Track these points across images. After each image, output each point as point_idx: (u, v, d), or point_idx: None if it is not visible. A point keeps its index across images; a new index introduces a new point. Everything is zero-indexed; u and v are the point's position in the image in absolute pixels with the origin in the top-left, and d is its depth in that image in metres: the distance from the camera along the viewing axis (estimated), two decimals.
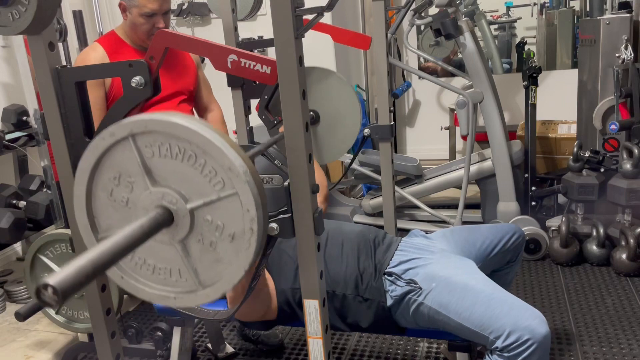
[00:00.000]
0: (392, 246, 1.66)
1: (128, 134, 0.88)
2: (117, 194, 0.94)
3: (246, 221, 0.86)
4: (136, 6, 1.95)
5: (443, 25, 2.83)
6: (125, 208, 0.94)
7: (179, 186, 0.89)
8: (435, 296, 1.48)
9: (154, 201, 0.90)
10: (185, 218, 0.89)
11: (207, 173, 0.87)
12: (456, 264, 1.58)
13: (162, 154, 0.89)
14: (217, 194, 0.88)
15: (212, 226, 0.89)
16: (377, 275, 1.56)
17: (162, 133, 0.87)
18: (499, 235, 1.77)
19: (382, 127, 2.09)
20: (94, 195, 0.95)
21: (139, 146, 0.89)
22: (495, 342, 1.39)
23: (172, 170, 0.89)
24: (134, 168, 0.91)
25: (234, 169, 0.85)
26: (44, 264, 1.84)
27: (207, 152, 0.86)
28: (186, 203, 0.89)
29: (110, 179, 0.93)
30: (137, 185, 0.92)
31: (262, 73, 1.05)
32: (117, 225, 0.95)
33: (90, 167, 0.93)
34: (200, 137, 0.85)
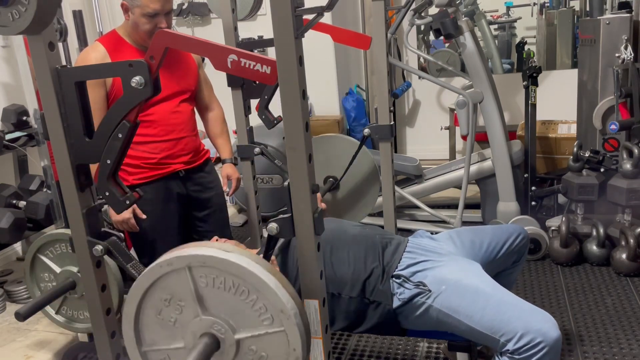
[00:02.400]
0: (399, 248, 1.65)
1: (185, 266, 0.93)
2: (166, 313, 0.98)
3: (291, 358, 0.92)
4: (138, 6, 1.95)
5: (443, 25, 2.83)
6: (172, 327, 0.99)
7: (228, 316, 0.94)
8: (445, 299, 1.48)
9: (203, 328, 0.95)
10: (232, 347, 0.94)
11: (257, 308, 0.92)
12: (464, 267, 1.58)
13: (215, 286, 0.93)
14: (265, 329, 0.92)
15: (255, 355, 0.94)
16: (384, 278, 1.55)
17: (218, 269, 0.92)
18: (504, 237, 1.76)
19: (382, 127, 2.09)
20: (142, 312, 1.00)
21: (194, 276, 0.94)
22: (506, 344, 1.39)
23: (223, 300, 0.93)
24: (187, 294, 0.95)
25: (286, 312, 0.90)
26: (44, 263, 1.84)
27: (260, 290, 0.90)
28: (234, 333, 0.94)
29: (161, 300, 0.98)
30: (186, 309, 0.96)
31: (262, 73, 1.05)
32: (161, 342, 1.00)
33: (144, 289, 0.98)
34: (255, 277, 0.90)
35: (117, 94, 1.98)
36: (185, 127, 2.16)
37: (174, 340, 0.98)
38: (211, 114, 2.33)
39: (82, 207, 1.22)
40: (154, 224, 2.13)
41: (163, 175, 2.14)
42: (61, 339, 2.39)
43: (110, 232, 1.28)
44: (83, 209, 1.22)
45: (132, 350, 1.02)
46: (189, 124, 2.19)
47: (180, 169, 2.18)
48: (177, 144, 2.14)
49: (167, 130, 2.11)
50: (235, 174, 2.29)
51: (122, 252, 1.27)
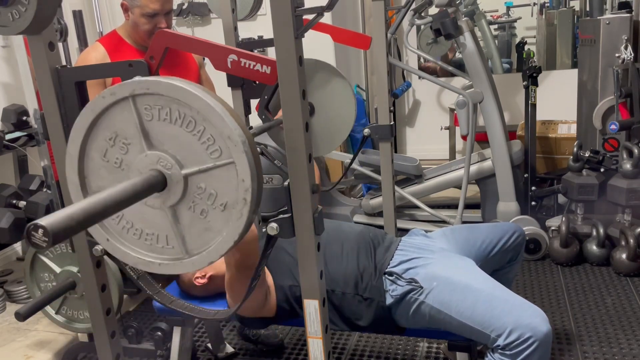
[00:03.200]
0: (392, 246, 1.67)
1: (129, 94, 0.87)
2: (111, 155, 0.92)
3: (240, 191, 0.85)
4: (138, 6, 1.95)
5: (443, 25, 2.83)
6: (118, 170, 0.92)
7: (176, 151, 0.88)
8: (437, 295, 1.48)
9: (148, 164, 0.89)
10: (179, 184, 0.88)
11: (205, 140, 0.86)
12: (457, 263, 1.59)
13: (161, 118, 0.88)
14: (213, 161, 0.86)
15: (205, 194, 0.88)
16: (377, 275, 1.57)
17: (163, 96, 0.86)
18: (499, 235, 1.77)
19: (382, 127, 2.09)
20: (87, 156, 0.94)
21: (138, 108, 0.88)
22: (496, 340, 1.40)
23: (170, 134, 0.88)
24: (131, 130, 0.89)
25: (233, 138, 0.84)
26: (44, 263, 1.84)
27: (207, 118, 0.85)
28: (181, 169, 0.88)
29: (105, 139, 0.92)
30: (132, 148, 0.90)
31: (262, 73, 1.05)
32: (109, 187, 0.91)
33: (87, 126, 0.91)
34: (201, 102, 0.84)
35: None
36: None
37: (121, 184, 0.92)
38: None
39: None
40: None
41: None
42: (61, 339, 2.39)
43: None
44: None
45: (77, 198, 0.95)
46: None
47: None
48: None
49: None
50: None
51: None
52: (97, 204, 0.72)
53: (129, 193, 0.79)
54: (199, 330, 2.43)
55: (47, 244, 0.62)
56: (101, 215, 0.72)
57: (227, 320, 2.46)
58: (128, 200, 0.79)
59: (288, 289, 1.59)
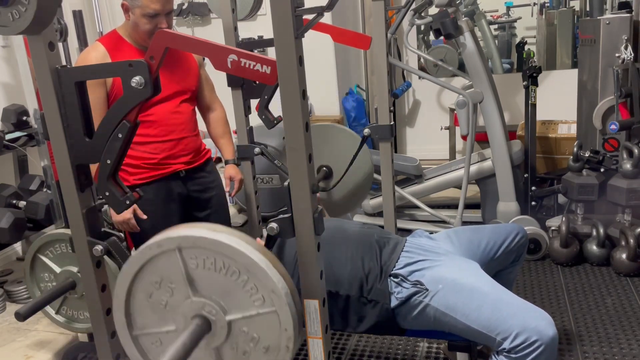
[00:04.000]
0: (397, 247, 1.65)
1: (175, 247, 0.92)
2: (157, 296, 0.97)
3: (283, 339, 0.91)
4: (139, 6, 1.95)
5: (443, 25, 2.83)
6: (163, 310, 0.98)
7: (219, 297, 0.93)
8: (442, 298, 1.48)
9: (194, 309, 0.94)
10: (223, 329, 0.93)
11: (248, 289, 0.91)
12: (462, 266, 1.58)
13: (206, 267, 0.92)
14: (256, 309, 0.92)
15: (247, 337, 0.93)
16: (382, 277, 1.56)
17: (209, 250, 0.91)
18: (503, 236, 1.76)
19: (382, 127, 2.09)
20: (132, 296, 0.99)
21: (184, 257, 0.93)
22: (502, 343, 1.40)
23: (214, 282, 0.92)
24: (177, 276, 0.94)
25: (277, 291, 0.89)
26: (44, 263, 1.84)
27: (250, 271, 0.90)
28: (225, 315, 0.93)
29: (151, 283, 0.97)
30: (177, 291, 0.95)
31: (262, 73, 1.05)
32: (152, 325, 0.99)
33: (134, 272, 0.97)
34: (245, 257, 0.89)
35: (117, 94, 1.98)
36: (186, 128, 2.16)
37: (165, 323, 0.97)
38: (213, 115, 2.33)
39: (82, 207, 1.22)
40: (155, 224, 2.12)
41: (164, 175, 2.14)
42: (61, 339, 2.39)
43: (110, 232, 1.28)
44: (83, 209, 1.22)
45: (124, 334, 1.01)
46: (190, 124, 2.19)
47: (181, 169, 2.18)
48: (178, 145, 2.14)
49: (167, 130, 2.11)
50: (238, 175, 2.29)
51: (121, 253, 1.27)
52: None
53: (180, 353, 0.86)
54: None
55: None
56: None
57: None
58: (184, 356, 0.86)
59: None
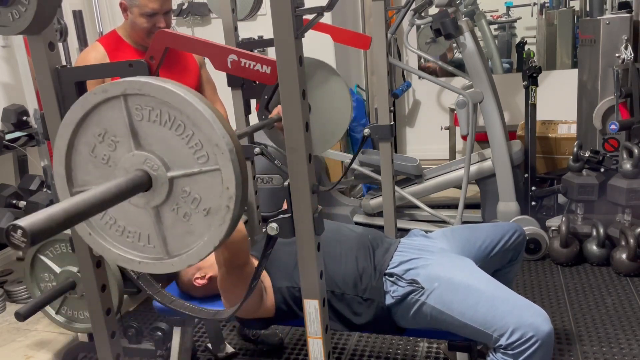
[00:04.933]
0: (391, 247, 1.67)
1: (121, 93, 0.88)
2: (99, 150, 0.93)
3: (224, 198, 0.86)
4: (137, 6, 1.95)
5: (443, 25, 2.83)
6: (105, 166, 0.93)
7: (163, 153, 0.89)
8: (438, 296, 1.48)
9: (135, 164, 0.90)
10: (164, 186, 0.89)
11: (192, 145, 0.87)
12: (457, 264, 1.58)
13: (151, 119, 0.88)
14: (199, 166, 0.87)
15: (189, 198, 0.89)
16: (377, 276, 1.56)
17: (155, 98, 0.87)
18: (500, 234, 1.77)
19: (382, 127, 2.09)
20: (75, 149, 0.94)
21: (129, 107, 0.88)
22: (499, 340, 1.40)
23: (158, 136, 0.89)
24: (121, 128, 0.90)
25: (221, 146, 0.85)
26: (44, 263, 1.84)
27: (196, 124, 0.86)
28: (167, 171, 0.89)
29: (94, 135, 0.93)
30: (120, 146, 0.91)
31: (262, 73, 1.05)
32: (94, 182, 0.95)
33: (77, 121, 0.92)
34: (192, 107, 0.85)
35: None
36: None
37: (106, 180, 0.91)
38: None
39: None
40: None
41: None
42: (61, 339, 2.39)
43: None
44: None
45: (63, 190, 0.96)
46: None
47: None
48: None
49: None
50: None
51: None
52: (79, 204, 0.72)
53: (113, 193, 0.79)
54: (199, 330, 2.43)
55: (26, 245, 0.62)
56: (83, 216, 0.72)
57: (227, 320, 2.46)
58: (112, 200, 0.79)
59: (286, 290, 1.59)
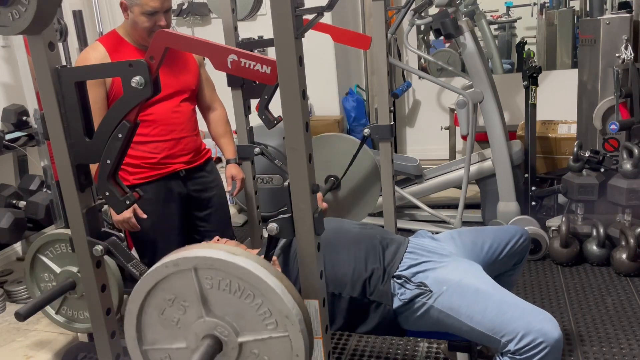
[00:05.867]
0: (400, 248, 1.65)
1: (192, 267, 0.92)
2: (169, 313, 0.98)
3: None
4: (138, 4, 1.95)
5: (443, 25, 2.83)
6: (175, 327, 0.98)
7: (232, 319, 0.94)
8: (446, 299, 1.48)
9: (206, 329, 0.95)
10: (234, 350, 0.94)
11: (262, 312, 0.92)
12: (465, 268, 1.58)
13: (220, 288, 0.93)
14: (269, 333, 0.92)
15: (258, 359, 0.94)
16: (385, 278, 1.55)
17: (225, 272, 0.91)
18: (506, 239, 1.76)
19: (382, 127, 2.09)
20: (144, 312, 1.00)
21: (199, 277, 0.93)
22: (507, 345, 1.40)
23: (228, 303, 0.93)
24: (191, 295, 0.95)
25: (291, 317, 0.90)
26: (44, 263, 1.84)
27: (265, 295, 0.90)
28: (237, 336, 0.93)
29: (164, 300, 0.98)
30: (190, 310, 0.96)
31: (262, 73, 1.05)
32: (163, 341, 1.00)
33: (148, 289, 0.97)
34: (261, 282, 0.90)
35: (117, 94, 1.98)
36: (186, 127, 2.16)
37: (175, 340, 0.98)
38: (213, 114, 2.33)
39: (82, 207, 1.22)
40: (155, 224, 2.13)
41: (163, 175, 2.14)
42: (61, 339, 2.38)
43: (110, 232, 1.28)
44: (83, 209, 1.22)
45: (133, 348, 1.01)
46: (190, 124, 2.19)
47: (180, 169, 2.18)
48: (178, 144, 2.14)
49: (167, 130, 2.11)
50: (240, 174, 2.29)
51: (122, 252, 1.27)
52: None
53: None
54: None
55: None
56: None
57: None
58: None
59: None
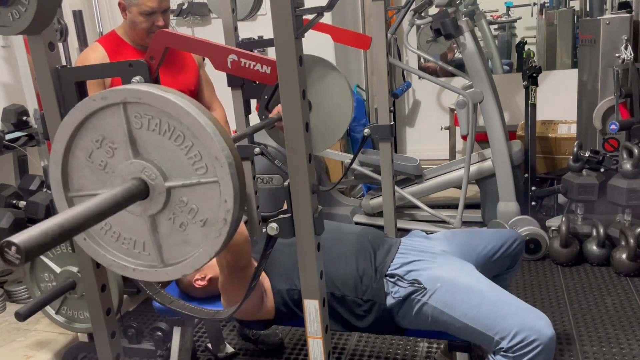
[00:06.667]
0: (392, 249, 1.66)
1: (120, 100, 0.87)
2: (97, 156, 0.93)
3: (221, 211, 0.86)
4: (135, 5, 1.95)
5: (443, 25, 2.83)
6: (102, 172, 0.93)
7: (161, 162, 0.89)
8: (440, 297, 1.48)
9: (132, 172, 0.89)
10: (161, 195, 0.89)
11: (192, 156, 0.87)
12: (458, 267, 1.58)
13: (150, 128, 0.88)
14: (198, 178, 0.87)
15: (186, 208, 0.89)
16: (377, 278, 1.56)
17: (155, 107, 0.86)
18: (501, 241, 1.77)
19: (382, 127, 2.09)
20: (72, 154, 0.94)
21: (128, 115, 0.88)
22: (500, 342, 1.40)
23: (157, 145, 0.88)
24: (119, 135, 0.90)
25: (220, 159, 0.84)
26: (44, 263, 1.84)
27: (196, 135, 0.85)
28: (165, 180, 0.88)
29: (92, 141, 0.92)
30: (118, 152, 0.91)
31: (262, 73, 1.05)
32: (90, 186, 0.94)
33: (75, 125, 0.91)
34: (192, 119, 0.85)
35: None
36: None
37: (102, 186, 0.92)
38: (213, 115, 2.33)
39: None
40: None
41: None
42: (61, 339, 2.39)
43: None
44: None
45: (58, 194, 0.96)
46: None
47: None
48: None
49: None
50: None
51: None
52: (75, 218, 0.71)
53: (109, 205, 0.79)
54: (199, 330, 2.43)
55: (20, 262, 0.62)
56: (78, 230, 0.72)
57: (227, 320, 2.46)
58: (108, 212, 0.79)
59: (286, 292, 1.58)
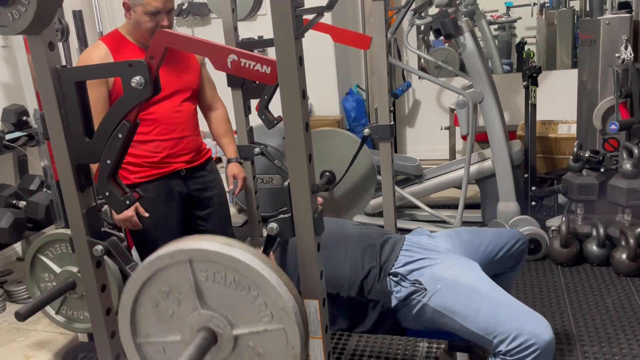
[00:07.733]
0: (397, 246, 1.65)
1: (187, 259, 0.92)
2: (164, 306, 0.97)
3: (288, 357, 0.91)
4: (140, 4, 1.95)
5: (443, 25, 2.83)
6: (169, 320, 0.98)
7: (227, 311, 0.93)
8: (440, 298, 1.48)
9: (201, 322, 0.94)
10: (229, 343, 0.93)
11: (257, 305, 0.91)
12: (462, 266, 1.58)
13: (215, 280, 0.93)
14: (264, 325, 0.92)
15: (253, 352, 0.93)
16: (381, 277, 1.56)
17: (220, 264, 0.91)
18: (504, 241, 1.76)
19: (382, 127, 2.09)
20: (139, 304, 0.99)
21: (194, 270, 0.93)
22: (499, 345, 1.40)
23: (223, 295, 0.93)
24: (186, 287, 0.94)
25: (287, 309, 0.89)
26: (44, 264, 1.84)
27: (261, 287, 0.90)
28: (232, 328, 0.93)
29: (159, 292, 0.97)
30: (185, 302, 0.96)
31: (262, 73, 1.05)
32: (157, 334, 0.99)
33: (142, 281, 0.97)
34: (257, 274, 0.89)
35: (119, 93, 1.98)
36: (187, 127, 2.16)
37: (170, 333, 0.97)
38: (215, 114, 2.33)
39: (82, 207, 1.22)
40: (156, 223, 2.13)
41: (164, 174, 2.14)
42: (61, 339, 2.38)
43: (110, 232, 1.28)
44: (83, 209, 1.22)
45: (127, 341, 1.00)
46: (191, 124, 2.19)
47: (181, 168, 2.18)
48: (179, 143, 2.14)
49: (168, 129, 2.11)
50: (241, 173, 2.29)
51: (121, 253, 1.27)
52: None
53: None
54: None
55: None
56: None
57: None
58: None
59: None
